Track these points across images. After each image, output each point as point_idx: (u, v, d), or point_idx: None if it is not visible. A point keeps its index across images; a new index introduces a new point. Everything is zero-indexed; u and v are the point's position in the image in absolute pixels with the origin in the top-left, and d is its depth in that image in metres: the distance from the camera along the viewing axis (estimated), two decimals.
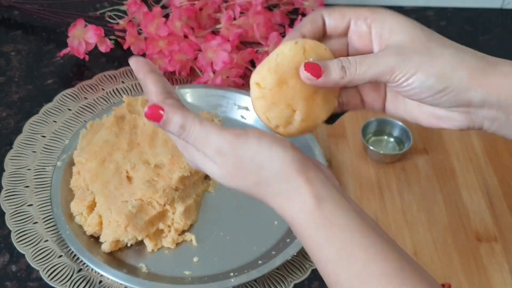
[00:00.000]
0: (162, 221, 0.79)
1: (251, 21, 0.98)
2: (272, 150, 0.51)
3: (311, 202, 0.50)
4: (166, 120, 0.52)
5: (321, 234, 0.50)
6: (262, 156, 0.51)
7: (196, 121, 0.52)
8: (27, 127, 0.92)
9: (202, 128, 0.52)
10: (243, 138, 0.51)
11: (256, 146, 0.51)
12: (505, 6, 1.17)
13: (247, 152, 0.51)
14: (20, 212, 0.82)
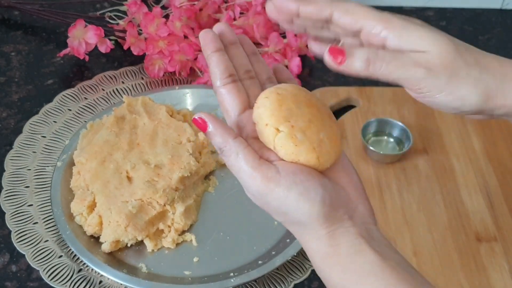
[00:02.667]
0: (162, 221, 0.79)
1: (251, 21, 0.98)
2: (299, 204, 0.50)
3: (327, 250, 0.51)
4: (210, 133, 0.52)
5: (335, 276, 0.51)
6: (288, 207, 0.50)
7: (233, 151, 0.51)
8: (27, 127, 0.92)
9: (238, 161, 0.51)
10: (272, 185, 0.50)
11: (284, 198, 0.50)
12: (504, 7, 1.17)
13: (274, 201, 0.51)
14: (20, 212, 0.82)
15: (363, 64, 0.51)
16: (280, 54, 0.97)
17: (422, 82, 0.51)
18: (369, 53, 0.51)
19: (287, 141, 0.51)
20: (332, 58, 0.51)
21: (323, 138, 0.52)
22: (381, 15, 0.53)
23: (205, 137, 0.86)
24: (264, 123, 0.51)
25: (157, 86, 0.98)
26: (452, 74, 0.52)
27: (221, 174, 0.87)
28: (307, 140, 0.51)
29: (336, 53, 0.51)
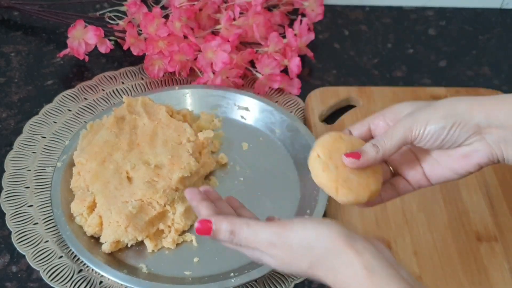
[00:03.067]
0: (162, 221, 0.79)
1: (251, 21, 0.98)
2: (318, 230, 0.56)
3: (362, 273, 0.53)
4: (216, 230, 0.59)
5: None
6: (309, 238, 0.55)
7: (243, 224, 0.58)
8: (27, 128, 0.92)
9: (250, 228, 0.58)
10: (288, 226, 0.57)
11: (302, 230, 0.56)
12: (504, 6, 1.17)
13: (295, 238, 0.56)
14: (21, 213, 0.82)
15: (373, 149, 0.61)
16: (280, 54, 0.97)
17: (413, 127, 0.61)
18: (372, 141, 0.62)
19: (319, 165, 0.62)
20: (352, 158, 0.61)
21: (352, 179, 0.61)
22: None
23: (205, 137, 0.86)
24: (315, 151, 0.63)
25: (157, 87, 0.98)
26: (428, 107, 0.61)
27: (221, 174, 0.87)
28: (335, 171, 0.61)
29: (351, 154, 0.61)
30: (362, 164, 0.61)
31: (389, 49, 1.08)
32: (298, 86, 0.98)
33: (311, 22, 1.05)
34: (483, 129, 0.59)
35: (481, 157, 0.61)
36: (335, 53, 1.07)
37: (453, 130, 0.60)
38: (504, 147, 0.60)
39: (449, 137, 0.60)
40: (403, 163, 0.66)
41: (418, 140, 0.61)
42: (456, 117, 0.59)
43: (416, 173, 0.65)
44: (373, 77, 1.03)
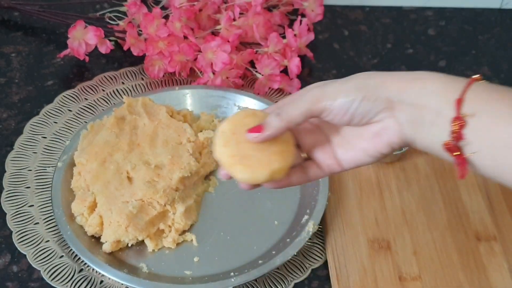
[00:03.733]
0: (162, 221, 0.79)
1: (251, 21, 0.98)
2: None
3: None
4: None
5: None
6: None
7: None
8: (28, 128, 0.92)
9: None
10: None
11: None
12: (504, 6, 1.17)
13: None
14: (21, 213, 0.82)
15: (276, 119, 0.58)
16: (279, 54, 0.97)
17: (322, 98, 0.57)
18: (276, 110, 0.59)
19: (221, 140, 0.59)
20: (254, 132, 0.58)
21: (252, 156, 0.58)
22: None
23: (205, 137, 0.86)
24: (222, 125, 0.60)
25: (157, 87, 0.98)
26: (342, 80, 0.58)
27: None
28: (236, 147, 0.59)
29: (254, 129, 0.58)
30: (266, 137, 0.58)
31: (388, 49, 1.09)
32: (298, 86, 0.98)
33: (311, 22, 1.05)
34: (394, 105, 0.56)
35: (392, 135, 0.58)
36: (334, 53, 1.08)
37: (364, 103, 0.56)
38: (414, 127, 0.57)
39: (359, 110, 0.57)
40: (314, 146, 0.62)
41: (327, 113, 0.57)
42: (368, 90, 0.56)
43: (328, 157, 0.62)
44: None
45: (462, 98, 0.54)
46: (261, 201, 0.84)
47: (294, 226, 0.80)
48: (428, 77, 0.56)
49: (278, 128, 0.58)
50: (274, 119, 0.58)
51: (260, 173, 0.58)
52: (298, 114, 0.58)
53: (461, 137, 0.54)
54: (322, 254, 0.79)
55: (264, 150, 0.59)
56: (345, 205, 0.83)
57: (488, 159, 0.54)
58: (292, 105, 0.58)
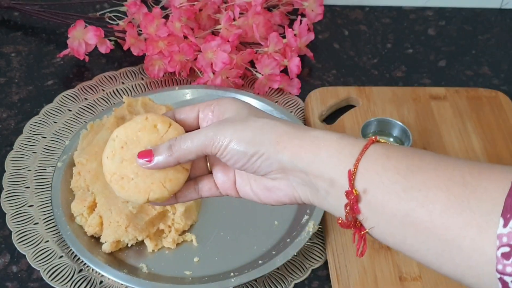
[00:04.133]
0: (162, 221, 0.79)
1: (251, 21, 0.98)
2: None
3: None
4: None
5: None
6: None
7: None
8: (28, 128, 0.92)
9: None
10: None
11: None
12: (504, 6, 1.17)
13: None
14: (21, 213, 0.82)
15: (167, 151, 0.56)
16: (279, 54, 0.97)
17: (215, 140, 0.55)
18: (170, 141, 0.57)
19: (108, 148, 0.58)
20: (143, 159, 0.56)
21: (131, 178, 0.57)
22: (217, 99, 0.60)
23: None
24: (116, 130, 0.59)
25: (157, 87, 0.98)
26: (240, 124, 0.56)
27: None
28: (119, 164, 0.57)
29: (144, 154, 0.57)
30: (153, 167, 0.56)
31: (388, 49, 1.09)
32: (298, 86, 0.98)
33: (311, 22, 1.05)
34: (287, 170, 0.54)
35: (282, 196, 0.56)
36: (334, 53, 1.08)
37: (254, 159, 0.54)
38: (309, 193, 0.55)
39: (249, 164, 0.55)
40: (218, 166, 0.60)
41: (219, 155, 0.55)
42: (261, 147, 0.54)
43: (228, 181, 0.59)
44: (373, 77, 1.03)
45: (355, 169, 0.50)
46: None
47: (294, 226, 0.80)
48: (324, 142, 0.53)
49: (167, 162, 0.56)
50: (165, 152, 0.56)
51: (135, 198, 0.58)
52: (190, 151, 0.56)
53: (357, 211, 0.51)
54: (322, 254, 0.79)
55: (147, 177, 0.57)
56: None
57: (387, 235, 0.51)
58: (186, 140, 0.56)
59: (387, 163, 0.50)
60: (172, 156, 0.56)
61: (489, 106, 0.96)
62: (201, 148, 0.55)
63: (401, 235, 0.50)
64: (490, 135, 0.93)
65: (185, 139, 0.56)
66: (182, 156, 0.56)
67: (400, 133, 0.90)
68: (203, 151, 0.56)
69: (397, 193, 0.49)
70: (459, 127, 0.93)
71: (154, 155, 0.56)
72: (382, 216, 0.50)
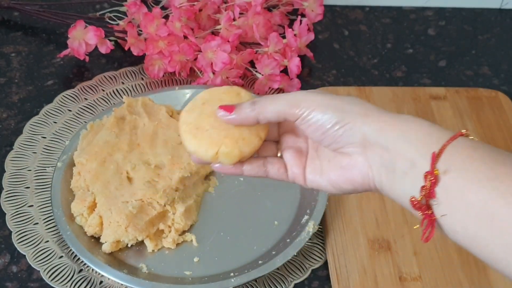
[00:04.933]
0: (162, 221, 0.79)
1: (251, 21, 0.98)
2: None
3: None
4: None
5: None
6: None
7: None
8: (28, 128, 0.92)
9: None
10: None
11: None
12: (504, 6, 1.17)
13: None
14: (21, 213, 0.82)
15: (250, 107, 0.56)
16: (279, 54, 0.97)
17: (300, 104, 0.55)
18: (255, 99, 0.57)
19: (190, 105, 0.59)
20: (223, 110, 0.57)
21: (206, 131, 0.57)
22: None
23: None
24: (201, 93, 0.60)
25: (157, 87, 0.98)
26: (328, 94, 0.56)
27: (221, 174, 0.87)
28: (197, 117, 0.58)
29: (225, 107, 0.57)
30: (232, 120, 0.56)
31: (388, 49, 1.09)
32: (298, 86, 0.98)
33: (311, 22, 1.05)
34: (368, 144, 0.53)
35: (357, 174, 0.55)
36: (334, 53, 1.08)
37: (337, 127, 0.54)
38: (384, 173, 0.53)
39: (330, 132, 0.54)
40: (290, 150, 0.59)
41: (300, 121, 0.55)
42: (347, 116, 0.53)
43: (297, 166, 0.59)
44: (373, 77, 1.03)
45: (440, 152, 0.50)
46: (261, 201, 0.84)
47: (294, 226, 0.80)
48: (413, 124, 0.52)
49: (247, 116, 0.56)
50: (247, 107, 0.56)
51: (205, 149, 0.56)
52: (272, 112, 0.56)
53: (433, 195, 0.49)
54: (322, 254, 0.79)
55: (222, 131, 0.56)
56: (345, 205, 0.83)
57: (458, 226, 0.49)
58: (271, 101, 0.56)
59: (473, 153, 0.49)
60: (253, 111, 0.56)
61: (489, 106, 0.97)
62: (284, 109, 0.55)
63: (474, 227, 0.48)
64: (490, 135, 0.93)
65: (270, 99, 0.56)
66: (263, 114, 0.56)
67: None
68: (285, 114, 0.55)
69: (480, 181, 0.48)
70: (459, 127, 0.93)
71: (236, 108, 0.56)
72: (459, 203, 0.49)
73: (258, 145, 0.57)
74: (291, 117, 0.55)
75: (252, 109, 0.56)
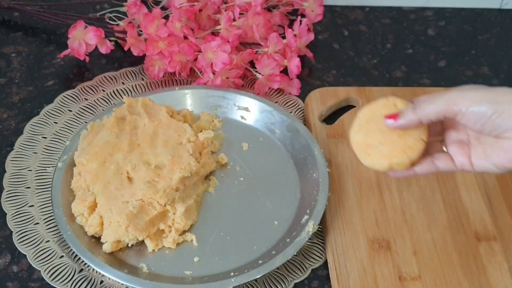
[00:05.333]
0: (162, 221, 0.79)
1: (251, 22, 0.98)
2: None
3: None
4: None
5: None
6: None
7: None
8: (28, 128, 0.92)
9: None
10: None
11: None
12: (503, 6, 1.17)
13: None
14: (21, 213, 0.82)
15: (412, 111, 0.64)
16: (279, 54, 0.97)
17: (457, 102, 0.62)
18: (414, 103, 0.65)
19: (356, 126, 0.68)
20: (390, 119, 0.66)
21: (376, 147, 0.66)
22: None
23: (205, 137, 0.86)
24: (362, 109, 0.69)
25: (157, 87, 0.98)
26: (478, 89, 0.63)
27: (221, 174, 0.87)
28: (365, 136, 0.67)
29: (391, 115, 0.66)
30: (399, 126, 0.65)
31: (388, 49, 1.09)
32: (297, 87, 0.99)
33: (311, 22, 1.05)
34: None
35: None
36: (334, 53, 1.08)
37: (495, 116, 0.60)
38: None
39: (489, 122, 0.61)
40: (454, 142, 0.67)
41: (460, 117, 0.62)
42: (501, 106, 0.60)
43: (463, 156, 0.66)
44: (373, 77, 1.04)
45: None
46: (261, 201, 0.84)
47: (294, 226, 0.80)
48: None
49: (411, 120, 0.64)
50: (409, 112, 0.64)
51: (380, 164, 0.66)
52: (432, 112, 0.63)
53: None
54: (322, 254, 0.80)
55: (390, 144, 0.65)
56: (345, 205, 0.83)
57: None
58: (429, 103, 0.63)
59: None
60: (416, 115, 0.63)
61: None
62: (443, 108, 0.62)
63: None
64: None
65: (428, 101, 0.63)
66: (425, 116, 0.63)
67: None
68: (444, 112, 0.62)
69: None
70: None
71: (400, 115, 0.65)
72: None
73: (423, 148, 0.66)
74: (450, 114, 0.62)
75: (414, 113, 0.64)
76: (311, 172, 0.85)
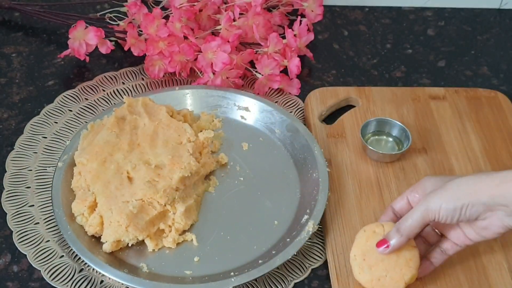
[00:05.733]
0: (162, 221, 0.79)
1: (251, 22, 0.98)
2: None
3: None
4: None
5: None
6: None
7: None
8: (28, 128, 0.92)
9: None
10: None
11: None
12: (503, 6, 1.17)
13: None
14: (22, 213, 0.82)
15: (397, 233, 0.71)
16: (279, 54, 0.97)
17: (429, 211, 0.69)
18: (395, 225, 0.72)
19: (356, 267, 0.73)
20: (381, 247, 0.72)
21: (385, 276, 0.72)
22: None
23: (205, 137, 0.86)
24: (352, 251, 0.74)
25: (157, 87, 0.99)
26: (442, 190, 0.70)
27: (221, 174, 0.87)
28: (369, 272, 0.72)
29: (381, 243, 0.72)
30: (392, 250, 0.71)
31: (388, 49, 1.09)
32: (297, 86, 0.99)
33: (311, 22, 1.05)
34: (492, 207, 0.67)
35: (497, 228, 0.69)
36: (334, 53, 1.08)
37: (464, 210, 0.68)
38: (509, 219, 0.68)
39: (462, 216, 0.68)
40: (445, 227, 0.73)
41: (437, 218, 0.69)
42: (464, 199, 0.68)
43: (459, 235, 0.73)
44: (372, 77, 1.04)
45: None
46: (261, 201, 0.84)
47: (294, 226, 0.80)
48: None
49: (400, 242, 0.71)
50: (395, 234, 0.71)
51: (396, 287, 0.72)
52: (414, 228, 0.70)
53: None
54: (322, 254, 0.80)
55: (393, 267, 0.71)
56: (345, 205, 0.83)
57: None
58: (408, 220, 0.70)
59: None
60: (402, 235, 0.70)
61: (488, 106, 0.97)
62: (421, 220, 0.70)
63: None
64: (489, 135, 0.93)
65: (406, 219, 0.70)
66: (410, 232, 0.70)
67: (400, 133, 0.90)
68: (423, 221, 0.70)
69: None
70: (459, 127, 0.94)
71: (389, 240, 0.71)
72: None
73: (418, 253, 0.73)
74: (429, 222, 0.70)
75: (400, 234, 0.70)
76: (311, 172, 0.85)
